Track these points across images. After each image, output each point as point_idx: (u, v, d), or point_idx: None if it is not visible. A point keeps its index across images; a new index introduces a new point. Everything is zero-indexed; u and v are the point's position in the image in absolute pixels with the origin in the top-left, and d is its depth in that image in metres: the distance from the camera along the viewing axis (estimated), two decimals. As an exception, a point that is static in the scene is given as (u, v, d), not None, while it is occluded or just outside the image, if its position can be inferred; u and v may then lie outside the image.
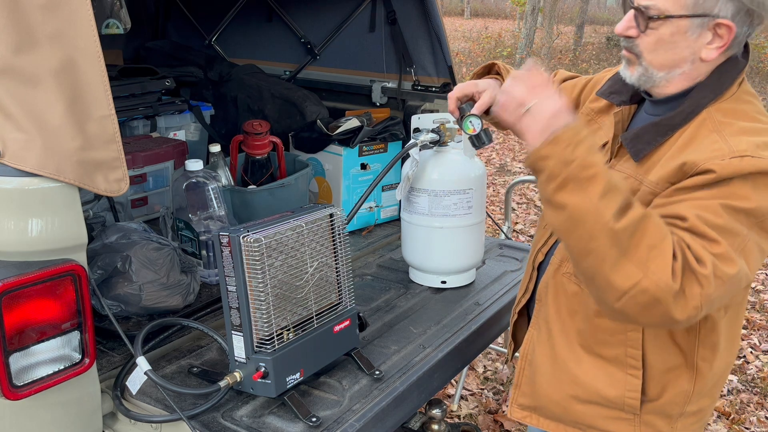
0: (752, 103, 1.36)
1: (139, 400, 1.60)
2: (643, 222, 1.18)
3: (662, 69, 1.35)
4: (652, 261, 1.16)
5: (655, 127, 1.36)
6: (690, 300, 1.16)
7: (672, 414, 1.46)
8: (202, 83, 3.21)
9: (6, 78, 1.31)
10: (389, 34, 2.91)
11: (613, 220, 1.16)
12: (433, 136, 2.13)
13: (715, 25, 1.28)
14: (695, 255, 1.17)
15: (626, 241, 1.17)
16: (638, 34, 1.33)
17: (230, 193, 2.35)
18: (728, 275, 1.18)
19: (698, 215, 1.19)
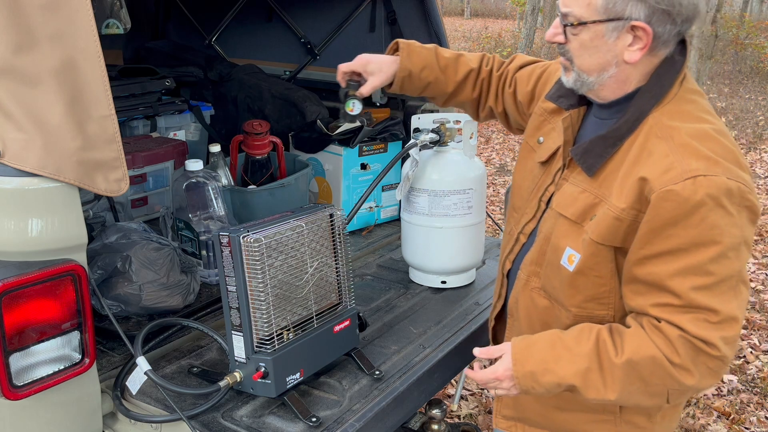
0: (696, 101, 1.36)
1: (139, 400, 1.60)
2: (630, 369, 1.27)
3: (591, 73, 1.36)
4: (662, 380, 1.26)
5: (603, 140, 1.37)
6: (714, 370, 1.25)
7: (651, 410, 1.48)
8: (202, 83, 3.21)
9: (6, 78, 1.31)
10: (389, 34, 2.91)
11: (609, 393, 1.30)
12: (433, 136, 2.13)
13: (631, 28, 1.28)
14: (702, 340, 1.22)
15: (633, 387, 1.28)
16: (565, 40, 1.36)
17: (230, 193, 2.35)
18: (736, 335, 1.25)
19: (692, 287, 1.22)
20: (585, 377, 1.30)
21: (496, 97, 1.85)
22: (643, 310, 1.29)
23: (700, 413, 3.23)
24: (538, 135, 1.58)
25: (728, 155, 1.26)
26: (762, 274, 4.91)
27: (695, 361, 1.23)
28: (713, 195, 1.20)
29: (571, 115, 1.49)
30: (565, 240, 1.40)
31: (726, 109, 11.04)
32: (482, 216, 2.22)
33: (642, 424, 1.48)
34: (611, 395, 1.29)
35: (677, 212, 1.22)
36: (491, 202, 6.26)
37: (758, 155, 8.41)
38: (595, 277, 1.37)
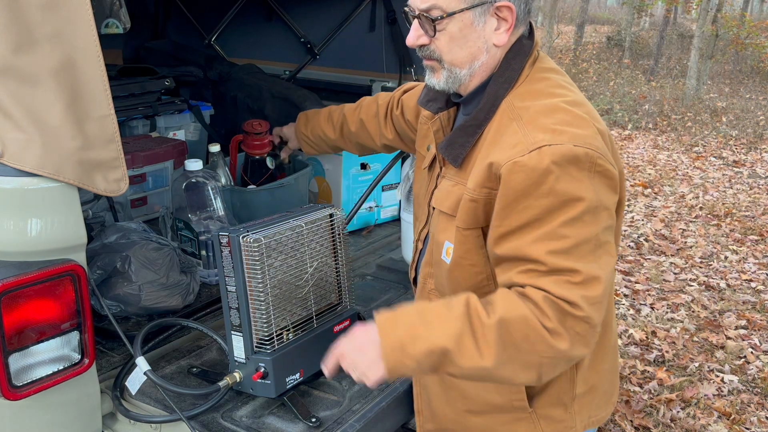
0: (548, 78, 1.37)
1: (139, 401, 1.60)
2: (502, 330, 1.20)
3: (464, 66, 1.36)
4: (534, 345, 1.19)
5: (462, 129, 1.38)
6: (586, 337, 1.21)
7: (565, 401, 1.48)
8: (202, 83, 3.20)
9: (5, 78, 1.31)
10: (389, 34, 2.91)
11: (482, 359, 1.21)
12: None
13: (496, 9, 1.31)
14: (565, 300, 1.19)
15: (506, 354, 1.20)
16: (430, 40, 1.35)
17: (230, 193, 2.35)
18: (599, 293, 1.21)
19: (548, 252, 1.20)
20: (458, 341, 1.21)
21: (385, 122, 1.92)
22: (510, 282, 1.26)
23: (701, 413, 3.22)
24: (426, 143, 1.58)
25: (579, 123, 1.26)
26: (762, 274, 4.90)
27: (564, 323, 1.19)
28: (559, 162, 1.20)
29: (440, 118, 1.49)
30: (443, 234, 1.41)
31: (726, 108, 11.04)
32: (482, 216, 2.22)
33: (560, 417, 1.48)
34: (486, 362, 1.21)
35: (526, 183, 1.21)
36: (491, 202, 6.25)
37: (758, 155, 8.40)
38: (470, 266, 1.37)
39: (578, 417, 1.50)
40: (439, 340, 1.22)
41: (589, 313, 1.19)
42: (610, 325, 1.53)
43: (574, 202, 1.20)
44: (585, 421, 1.52)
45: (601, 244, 1.23)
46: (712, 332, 4.01)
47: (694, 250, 5.28)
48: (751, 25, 13.80)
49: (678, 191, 6.81)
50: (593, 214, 1.22)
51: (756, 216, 6.12)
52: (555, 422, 1.48)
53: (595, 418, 1.54)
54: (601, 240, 1.23)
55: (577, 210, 1.20)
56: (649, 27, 22.96)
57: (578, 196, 1.20)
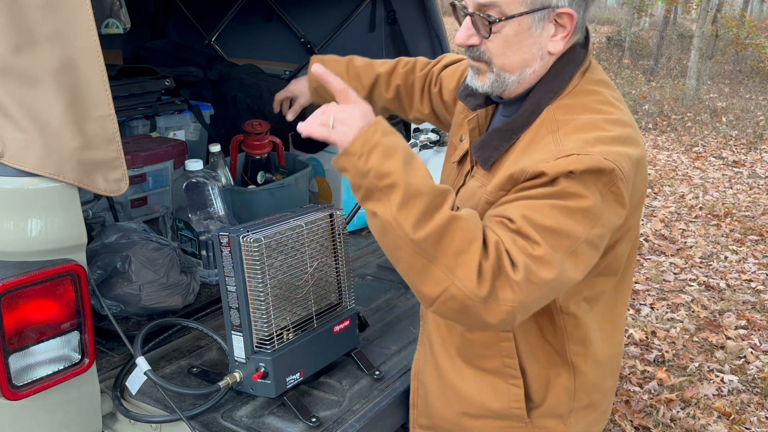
0: (596, 92, 1.30)
1: (139, 401, 1.60)
2: (450, 227, 1.12)
3: (514, 71, 1.29)
4: (459, 267, 1.11)
5: (498, 133, 1.32)
6: (502, 304, 1.12)
7: (562, 413, 1.44)
8: (202, 83, 3.20)
9: (6, 78, 1.31)
10: (389, 34, 2.91)
11: (413, 230, 1.11)
12: (433, 136, 2.13)
13: (556, 16, 1.24)
14: (511, 259, 1.12)
15: (431, 249, 1.12)
16: (481, 40, 1.28)
17: (230, 193, 2.35)
18: (543, 280, 1.13)
19: (524, 216, 1.14)
20: (412, 196, 1.12)
21: (421, 97, 1.81)
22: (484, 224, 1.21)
23: (701, 413, 3.22)
24: (460, 133, 1.53)
25: (614, 142, 1.20)
26: (762, 274, 4.91)
27: (495, 277, 1.11)
28: (580, 169, 1.15)
29: (478, 115, 1.42)
30: None
31: (726, 108, 11.04)
32: (482, 216, 2.22)
33: (555, 428, 1.45)
34: (414, 233, 1.11)
35: (544, 178, 1.17)
36: (491, 202, 6.25)
37: (758, 155, 8.40)
38: None
39: (573, 430, 1.47)
40: (401, 179, 1.13)
41: (522, 284, 1.11)
42: (619, 344, 1.50)
43: (576, 197, 1.15)
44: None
45: (576, 251, 1.16)
46: (712, 332, 4.01)
47: (694, 250, 5.28)
48: (751, 25, 13.79)
49: (678, 191, 6.81)
50: (588, 217, 1.16)
51: (756, 216, 6.12)
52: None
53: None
54: (578, 248, 1.16)
55: (575, 203, 1.15)
56: (649, 27, 22.97)
57: (581, 194, 1.15)
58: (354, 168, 1.17)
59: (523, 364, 1.41)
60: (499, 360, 1.41)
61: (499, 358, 1.41)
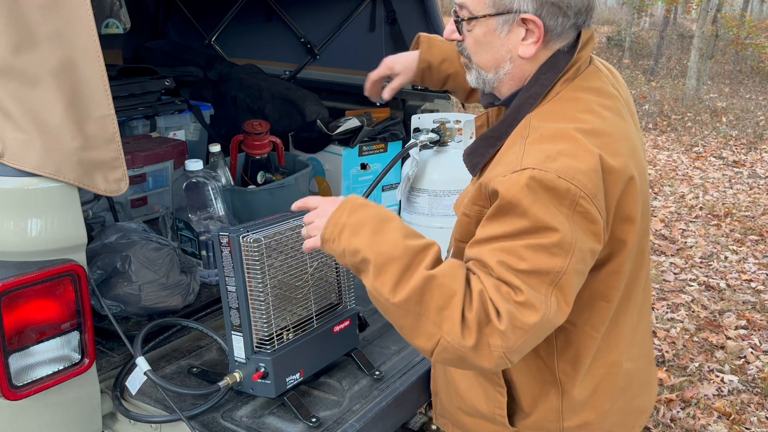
0: (579, 99, 1.29)
1: (139, 401, 1.60)
2: (427, 286, 1.16)
3: (488, 70, 1.33)
4: (444, 321, 1.15)
5: (484, 140, 1.35)
6: (493, 351, 1.14)
7: (550, 429, 1.43)
8: (202, 83, 3.20)
9: (6, 78, 1.31)
10: (389, 34, 2.91)
11: (391, 295, 1.18)
12: (433, 136, 2.13)
13: (522, 21, 1.25)
14: (496, 307, 1.14)
15: (414, 308, 1.17)
16: (462, 38, 1.34)
17: (230, 193, 2.35)
18: (528, 324, 1.14)
19: (501, 262, 1.15)
20: (385, 263, 1.19)
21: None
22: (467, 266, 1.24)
23: (701, 413, 3.23)
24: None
25: (580, 155, 1.18)
26: (762, 274, 4.90)
27: (481, 326, 1.14)
28: (533, 187, 1.14)
29: (488, 113, 1.44)
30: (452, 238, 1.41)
31: (726, 108, 11.04)
32: (482, 216, 2.22)
33: None
34: (393, 297, 1.17)
35: (504, 201, 1.17)
36: (491, 202, 6.25)
37: (758, 155, 8.40)
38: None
39: None
40: (370, 252, 1.20)
41: (508, 332, 1.13)
42: (617, 366, 1.43)
43: (547, 231, 1.14)
44: None
45: (560, 283, 1.16)
46: (712, 332, 4.01)
47: (694, 250, 5.28)
48: (751, 25, 13.80)
49: (678, 191, 6.81)
50: (563, 249, 1.15)
51: (756, 216, 6.12)
52: None
53: None
54: (561, 281, 1.16)
55: (548, 239, 1.14)
56: (649, 27, 22.96)
57: (551, 226, 1.14)
58: (333, 252, 1.29)
59: (513, 375, 1.42)
60: None
61: None
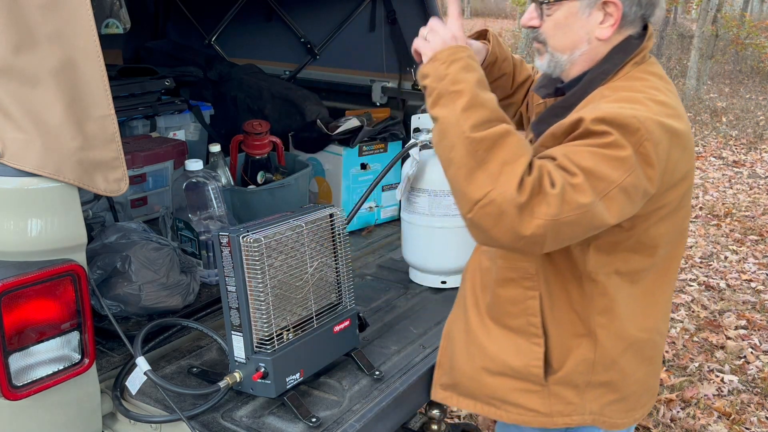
0: (647, 79, 1.41)
1: (139, 401, 1.60)
2: (503, 139, 1.24)
3: (564, 52, 1.44)
4: (503, 175, 1.22)
5: (553, 110, 1.47)
6: (536, 218, 1.21)
7: (578, 384, 1.49)
8: (202, 83, 3.20)
9: (6, 78, 1.31)
10: (389, 34, 2.91)
11: (471, 130, 1.25)
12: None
13: (603, 4, 1.38)
14: (552, 179, 1.22)
15: (482, 153, 1.24)
16: (540, 23, 1.45)
17: (230, 193, 2.35)
18: (578, 202, 1.21)
19: (566, 154, 1.25)
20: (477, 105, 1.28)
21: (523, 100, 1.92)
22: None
23: (701, 413, 3.23)
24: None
25: (649, 110, 1.28)
26: (762, 274, 4.91)
27: (535, 191, 1.21)
28: (612, 122, 1.24)
29: (546, 103, 1.58)
30: None
31: (726, 108, 11.04)
32: (482, 216, 2.22)
33: (570, 399, 1.50)
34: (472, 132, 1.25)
35: (582, 129, 1.27)
36: (491, 202, 6.25)
37: (758, 155, 8.40)
38: None
39: (588, 406, 1.51)
40: (470, 89, 1.29)
41: (558, 200, 1.20)
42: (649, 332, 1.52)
43: (614, 146, 1.23)
44: (595, 414, 1.52)
45: (610, 194, 1.24)
46: (712, 332, 4.01)
47: (694, 250, 5.28)
48: (751, 25, 13.80)
49: (678, 191, 6.81)
50: (623, 166, 1.23)
51: (756, 216, 6.12)
52: (564, 403, 1.50)
53: (607, 419, 1.53)
54: (612, 192, 1.24)
55: (612, 152, 1.23)
56: (649, 27, 22.90)
57: (621, 144, 1.23)
58: (435, 72, 1.34)
59: (546, 325, 1.48)
60: (524, 318, 1.49)
61: (524, 316, 1.49)
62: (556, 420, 1.51)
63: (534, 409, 1.51)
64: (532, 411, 1.51)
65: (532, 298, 1.47)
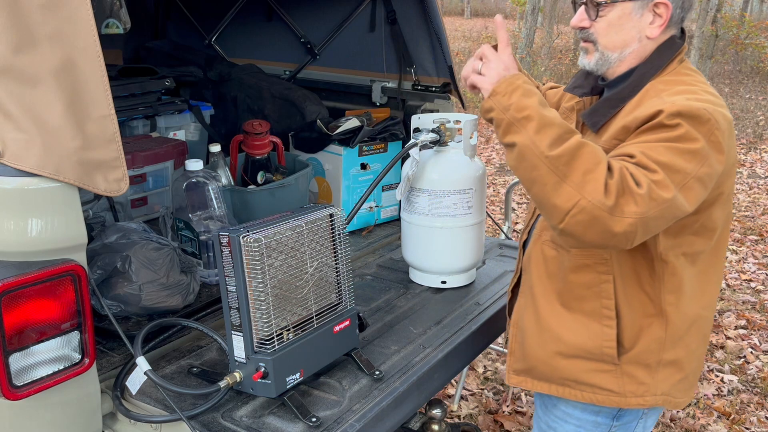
0: (692, 75, 1.54)
1: (139, 401, 1.60)
2: (579, 150, 1.33)
3: (615, 50, 1.54)
4: (588, 183, 1.31)
5: (607, 101, 1.56)
6: (626, 215, 1.30)
7: (650, 363, 1.57)
8: (202, 83, 3.21)
9: (6, 78, 1.31)
10: (389, 34, 2.91)
11: (548, 149, 1.34)
12: (433, 136, 2.13)
13: (654, 6, 1.49)
14: (634, 179, 1.31)
15: (563, 168, 1.33)
16: (591, 24, 1.54)
17: (230, 193, 2.35)
18: (663, 198, 1.31)
19: (643, 152, 1.34)
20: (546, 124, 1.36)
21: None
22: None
23: (700, 413, 3.23)
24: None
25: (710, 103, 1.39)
26: (762, 274, 4.90)
27: (620, 192, 1.29)
28: (686, 114, 1.35)
29: (584, 101, 1.69)
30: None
31: (726, 108, 11.02)
32: (482, 216, 2.22)
33: (642, 379, 1.57)
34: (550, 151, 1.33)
35: (655, 121, 1.37)
36: (491, 202, 6.26)
37: (758, 155, 8.40)
38: None
39: (660, 386, 1.58)
40: (536, 113, 1.38)
41: (645, 199, 1.29)
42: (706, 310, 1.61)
43: (687, 140, 1.33)
44: (664, 394, 1.59)
45: (687, 185, 1.33)
46: (712, 332, 4.01)
47: (694, 250, 5.28)
48: (750, 25, 13.80)
49: (678, 191, 6.81)
50: (697, 157, 1.33)
51: (756, 216, 6.12)
52: (637, 383, 1.57)
53: (673, 399, 1.61)
54: (689, 183, 1.34)
55: (685, 145, 1.33)
56: (649, 27, 22.90)
57: (693, 137, 1.33)
58: (498, 104, 1.43)
59: (619, 307, 1.55)
60: (597, 301, 1.56)
61: (597, 299, 1.56)
62: (630, 400, 1.58)
63: (608, 388, 1.58)
64: (606, 390, 1.59)
65: (606, 282, 1.54)
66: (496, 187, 6.76)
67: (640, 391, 1.58)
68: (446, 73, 2.75)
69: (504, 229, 3.15)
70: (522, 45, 14.98)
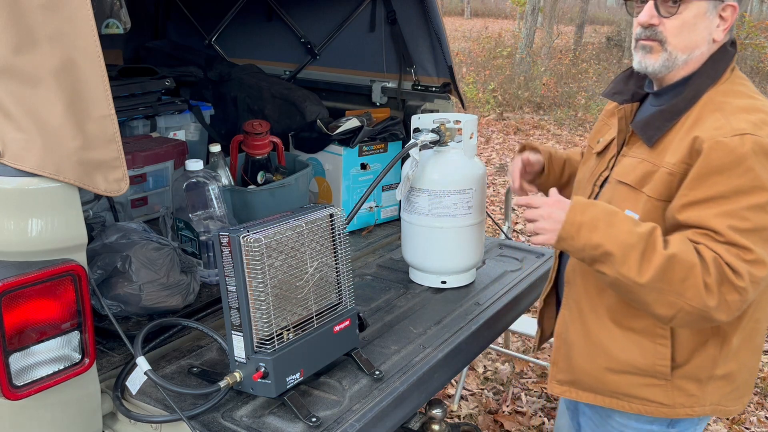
0: (745, 84, 1.53)
1: (139, 401, 1.60)
2: (669, 262, 1.35)
3: (685, 51, 1.49)
4: (687, 290, 1.34)
5: (662, 113, 1.51)
6: (732, 306, 1.35)
7: (701, 378, 1.56)
8: (202, 83, 3.21)
9: (6, 78, 1.31)
10: (389, 34, 2.91)
11: (638, 277, 1.37)
12: (433, 136, 2.13)
13: (722, 9, 1.47)
14: (732, 268, 1.33)
15: (659, 284, 1.36)
16: (660, 21, 1.48)
17: (230, 193, 2.35)
18: (760, 278, 1.35)
19: (729, 226, 1.34)
20: (626, 252, 1.38)
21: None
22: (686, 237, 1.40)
23: (700, 413, 3.22)
24: (598, 137, 1.76)
25: None
26: (762, 274, 4.90)
27: (721, 286, 1.33)
28: (757, 151, 1.34)
29: (625, 108, 1.65)
30: (624, 203, 1.52)
31: (726, 109, 11.01)
32: (482, 216, 2.22)
33: (692, 391, 1.56)
34: (640, 279, 1.37)
35: (724, 161, 1.35)
36: (491, 202, 6.26)
37: (758, 155, 8.39)
38: None
39: (709, 398, 1.58)
40: (611, 243, 1.39)
41: (747, 287, 1.33)
42: (759, 322, 1.59)
43: (762, 190, 1.34)
44: (714, 405, 1.59)
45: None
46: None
47: (694, 250, 5.27)
48: (750, 25, 13.79)
49: (678, 191, 6.80)
50: None
51: None
52: (687, 395, 1.57)
53: (723, 407, 1.61)
54: None
55: (764, 198, 1.34)
56: (649, 27, 22.88)
57: (764, 186, 1.34)
58: (571, 248, 1.47)
59: (675, 330, 1.54)
60: (650, 319, 1.53)
61: (651, 318, 1.53)
62: (678, 411, 1.58)
63: (657, 401, 1.58)
64: (655, 403, 1.59)
65: None
66: (496, 187, 6.76)
67: (690, 402, 1.57)
68: (446, 73, 2.76)
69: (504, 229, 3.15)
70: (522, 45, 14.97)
